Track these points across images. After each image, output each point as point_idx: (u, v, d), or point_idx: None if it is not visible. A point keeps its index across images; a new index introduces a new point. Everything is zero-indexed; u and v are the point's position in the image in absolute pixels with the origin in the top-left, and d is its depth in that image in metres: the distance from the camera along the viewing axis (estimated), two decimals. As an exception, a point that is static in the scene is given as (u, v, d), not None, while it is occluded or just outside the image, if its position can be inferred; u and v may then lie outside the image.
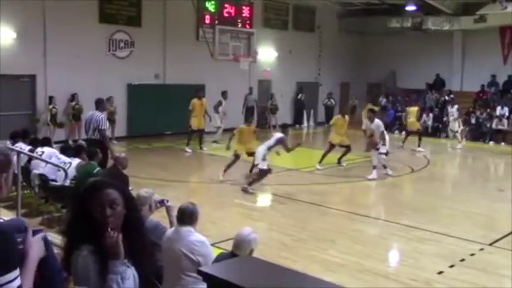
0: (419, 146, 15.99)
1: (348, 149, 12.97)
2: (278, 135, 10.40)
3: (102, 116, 9.43)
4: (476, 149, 17.58)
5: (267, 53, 21.08)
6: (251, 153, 10.76)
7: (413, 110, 16.79)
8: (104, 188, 2.29)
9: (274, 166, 12.14)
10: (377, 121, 11.88)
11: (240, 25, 16.43)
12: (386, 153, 11.92)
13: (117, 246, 2.19)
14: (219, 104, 17.11)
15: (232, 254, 4.09)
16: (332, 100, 22.87)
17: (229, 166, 11.02)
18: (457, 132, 16.81)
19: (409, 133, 16.81)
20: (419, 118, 17.01)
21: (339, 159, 13.06)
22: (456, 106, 17.12)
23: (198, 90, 15.52)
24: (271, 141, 10.12)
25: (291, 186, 11.03)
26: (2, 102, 14.50)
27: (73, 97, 15.71)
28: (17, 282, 1.94)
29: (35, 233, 2.20)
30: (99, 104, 9.74)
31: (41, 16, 14.94)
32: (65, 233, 2.38)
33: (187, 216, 4.43)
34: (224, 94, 17.27)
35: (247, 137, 11.20)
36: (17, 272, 1.94)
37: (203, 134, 15.48)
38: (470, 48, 22.36)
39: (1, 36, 14.30)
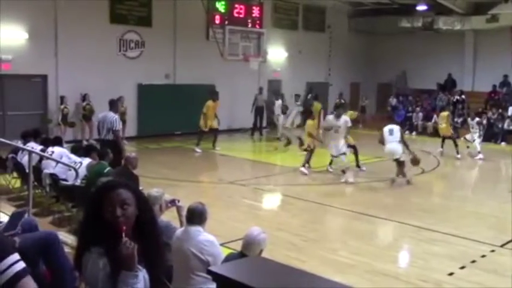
0: (457, 152, 15.03)
1: (355, 149, 12.73)
2: (390, 127, 11.14)
3: (116, 117, 9.41)
4: (487, 149, 17.43)
5: (276, 53, 21.08)
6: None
7: (444, 115, 15.84)
8: (116, 188, 2.27)
9: (283, 166, 12.17)
10: (344, 117, 11.47)
11: (250, 25, 16.45)
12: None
13: (133, 257, 2.15)
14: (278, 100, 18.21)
15: (241, 254, 4.09)
16: (342, 100, 22.84)
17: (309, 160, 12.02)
18: (474, 141, 15.87)
19: (444, 138, 15.78)
20: (451, 123, 15.96)
21: (357, 164, 12.67)
22: (477, 119, 15.91)
23: (213, 93, 15.46)
24: (398, 134, 10.91)
25: (300, 186, 11.02)
26: (14, 101, 14.65)
27: (84, 97, 15.81)
28: (21, 264, 1.97)
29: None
30: (113, 105, 9.72)
31: (52, 17, 15.06)
32: (77, 233, 2.38)
33: (196, 216, 4.44)
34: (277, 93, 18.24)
35: (313, 131, 12.37)
36: (16, 256, 1.97)
37: (217, 134, 15.49)
38: (482, 48, 22.20)
39: (13, 36, 14.44)
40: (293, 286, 2.10)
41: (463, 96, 21.57)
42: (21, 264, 1.96)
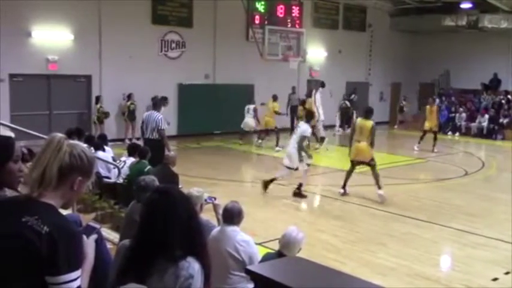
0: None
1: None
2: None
3: (160, 116, 9.48)
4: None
5: (316, 53, 20.94)
6: None
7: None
8: None
9: (322, 166, 12.08)
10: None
11: (289, 25, 16.42)
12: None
13: None
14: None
15: (279, 254, 4.09)
16: (347, 102, 20.98)
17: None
18: None
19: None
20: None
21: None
22: None
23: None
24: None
25: (339, 187, 10.90)
26: (59, 101, 15.08)
27: (129, 97, 16.09)
28: (78, 282, 1.93)
29: (89, 229, 2.23)
30: (157, 104, 9.82)
31: (96, 18, 15.43)
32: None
33: (233, 216, 4.47)
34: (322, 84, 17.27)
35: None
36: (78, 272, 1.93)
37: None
38: (530, 47, 21.46)
39: (59, 37, 14.89)
40: (331, 287, 2.09)
41: (509, 97, 20.91)
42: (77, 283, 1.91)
